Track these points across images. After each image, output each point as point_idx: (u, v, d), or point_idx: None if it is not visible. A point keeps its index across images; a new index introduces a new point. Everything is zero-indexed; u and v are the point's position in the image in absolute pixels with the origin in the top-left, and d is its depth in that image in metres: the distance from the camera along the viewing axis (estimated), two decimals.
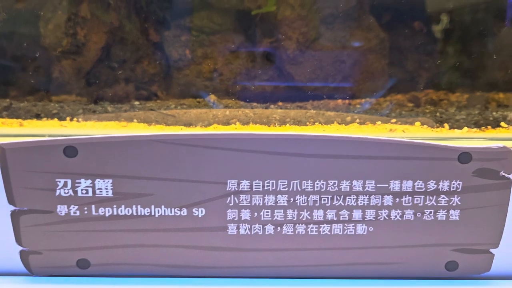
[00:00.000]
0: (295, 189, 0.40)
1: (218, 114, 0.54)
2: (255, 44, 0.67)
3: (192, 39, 0.66)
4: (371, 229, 0.41)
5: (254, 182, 0.40)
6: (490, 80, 0.68)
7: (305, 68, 0.67)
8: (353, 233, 0.41)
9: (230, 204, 0.40)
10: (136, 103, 0.58)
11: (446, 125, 0.53)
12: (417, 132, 0.52)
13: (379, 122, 0.53)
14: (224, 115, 0.54)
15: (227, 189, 0.40)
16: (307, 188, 0.40)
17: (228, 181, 0.40)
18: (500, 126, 0.53)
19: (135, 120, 0.53)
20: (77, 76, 0.62)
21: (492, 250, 0.41)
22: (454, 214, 0.41)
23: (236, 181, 0.40)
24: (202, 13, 0.66)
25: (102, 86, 0.63)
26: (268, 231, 0.41)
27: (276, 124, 0.53)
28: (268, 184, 0.40)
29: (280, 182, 0.40)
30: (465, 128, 0.52)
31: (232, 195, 0.40)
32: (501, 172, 0.40)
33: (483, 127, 0.53)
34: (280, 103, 0.64)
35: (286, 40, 0.67)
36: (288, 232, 0.41)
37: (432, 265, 0.42)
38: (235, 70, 0.66)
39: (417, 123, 0.53)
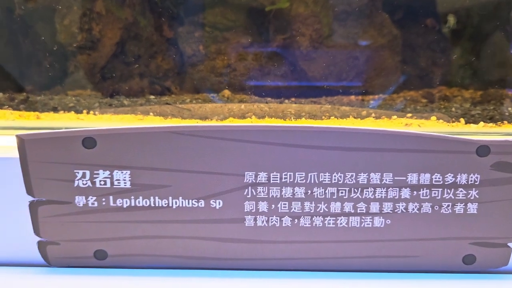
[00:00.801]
0: (312, 182, 0.40)
1: (234, 108, 0.54)
2: (269, 40, 0.68)
3: (206, 35, 0.66)
4: (388, 222, 0.41)
5: (271, 174, 0.40)
6: (504, 77, 0.68)
7: (319, 64, 0.67)
8: (370, 225, 0.41)
9: (248, 196, 0.40)
10: (152, 97, 0.58)
11: (462, 119, 0.53)
12: (433, 127, 0.52)
13: (394, 117, 0.53)
14: (240, 109, 0.54)
15: (245, 181, 0.40)
16: (325, 181, 0.40)
17: (246, 173, 0.40)
18: None
19: (151, 114, 0.53)
20: (92, 71, 0.62)
21: (510, 244, 0.41)
22: (472, 208, 0.41)
23: (254, 173, 0.40)
24: (216, 10, 0.67)
25: (117, 81, 0.63)
26: (285, 223, 0.41)
27: (292, 118, 0.53)
28: (286, 176, 0.40)
29: (298, 174, 0.40)
30: (481, 123, 0.52)
31: (250, 187, 0.40)
32: None
33: (500, 122, 0.53)
34: (293, 99, 0.64)
35: (299, 36, 0.67)
36: (306, 224, 0.41)
37: (450, 258, 0.42)
38: (249, 66, 0.66)
39: (433, 118, 0.53)
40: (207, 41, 0.66)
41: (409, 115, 0.54)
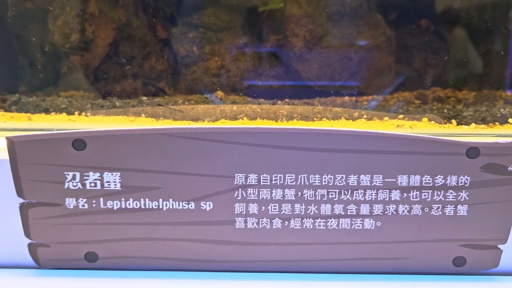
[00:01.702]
0: (302, 183, 0.40)
1: (226, 110, 0.54)
2: (262, 41, 0.68)
3: (200, 36, 0.66)
4: (378, 224, 0.41)
5: (262, 176, 0.40)
6: (498, 78, 0.68)
7: (312, 65, 0.67)
8: (360, 227, 0.41)
9: (238, 198, 0.40)
10: (144, 98, 0.58)
11: (453, 121, 0.53)
12: (424, 128, 0.52)
13: (386, 118, 0.53)
14: (232, 111, 0.54)
15: (235, 183, 0.40)
16: (315, 182, 0.40)
17: (236, 174, 0.40)
18: (508, 123, 0.53)
19: (143, 115, 0.53)
20: (86, 72, 0.62)
21: (500, 246, 0.41)
22: (462, 209, 0.41)
23: (244, 175, 0.40)
24: (210, 10, 0.67)
25: (110, 82, 0.63)
26: (275, 225, 0.41)
27: (284, 119, 0.53)
28: (276, 178, 0.40)
29: (288, 176, 0.40)
30: (473, 124, 0.52)
31: (240, 189, 0.40)
32: (509, 168, 0.40)
33: (491, 124, 0.53)
34: (287, 100, 0.64)
35: (293, 37, 0.67)
36: (296, 226, 0.41)
37: (440, 260, 0.42)
38: (242, 67, 0.66)
39: (425, 119, 0.53)
40: (201, 42, 0.66)
41: (401, 116, 0.54)
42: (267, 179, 0.40)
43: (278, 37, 0.68)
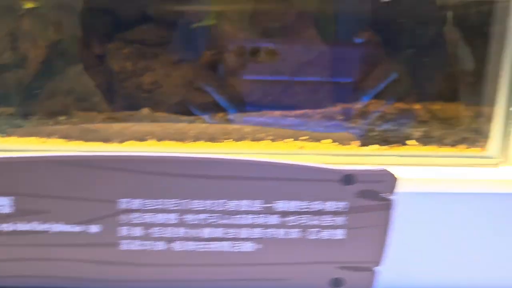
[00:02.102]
0: (184, 208, 0.42)
1: (140, 129, 0.56)
2: (197, 56, 0.69)
3: (134, 52, 0.68)
4: (258, 246, 0.43)
5: (145, 201, 0.42)
6: (432, 90, 0.69)
7: (244, 80, 0.69)
8: (241, 250, 0.43)
9: (122, 222, 0.42)
10: (62, 118, 0.60)
11: (356, 142, 0.54)
12: (326, 149, 0.53)
13: (290, 140, 0.55)
14: (145, 131, 0.56)
15: (119, 208, 0.42)
16: (197, 207, 0.42)
17: (120, 200, 0.42)
18: (406, 144, 0.54)
19: (55, 136, 0.55)
20: (17, 89, 0.64)
21: (374, 268, 0.43)
22: (339, 234, 0.42)
23: (128, 200, 0.42)
24: (144, 26, 0.68)
25: (42, 99, 0.65)
26: (159, 248, 0.43)
27: (191, 140, 0.55)
28: (159, 203, 0.42)
29: (171, 201, 0.42)
30: (376, 146, 0.54)
31: (124, 213, 0.42)
32: (382, 194, 0.41)
33: (392, 145, 0.54)
34: (221, 115, 0.66)
35: (226, 53, 0.68)
36: (178, 248, 0.43)
37: (317, 281, 0.44)
38: (175, 82, 0.68)
39: (327, 141, 0.54)
40: (135, 58, 0.68)
41: (305, 137, 0.55)
42: (150, 204, 0.42)
43: (212, 52, 0.69)
